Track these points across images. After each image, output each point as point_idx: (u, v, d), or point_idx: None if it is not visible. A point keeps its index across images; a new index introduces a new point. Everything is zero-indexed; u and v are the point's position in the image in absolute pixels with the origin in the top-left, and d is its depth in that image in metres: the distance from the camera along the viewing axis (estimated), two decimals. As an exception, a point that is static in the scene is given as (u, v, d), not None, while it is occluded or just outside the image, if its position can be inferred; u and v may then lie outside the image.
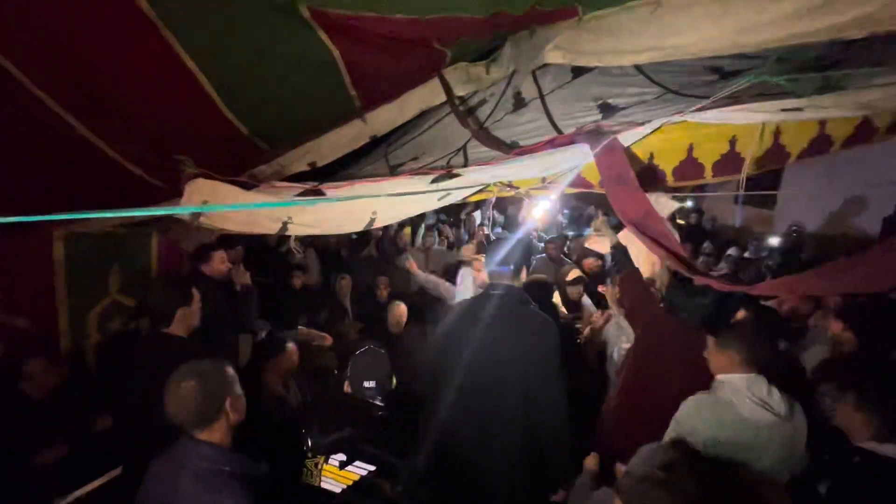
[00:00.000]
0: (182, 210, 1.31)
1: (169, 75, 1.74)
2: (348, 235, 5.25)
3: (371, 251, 5.21)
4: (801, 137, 2.05)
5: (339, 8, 1.69)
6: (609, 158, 1.70)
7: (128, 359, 2.02)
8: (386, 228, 5.39)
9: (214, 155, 2.42)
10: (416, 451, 1.66)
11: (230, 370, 1.54)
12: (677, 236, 2.07)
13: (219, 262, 2.74)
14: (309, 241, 4.92)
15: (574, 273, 3.82)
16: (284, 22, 1.79)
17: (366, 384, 1.68)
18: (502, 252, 2.14)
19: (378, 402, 1.69)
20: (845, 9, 1.15)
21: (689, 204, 8.25)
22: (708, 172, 2.16)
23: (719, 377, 1.84)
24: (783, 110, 1.57)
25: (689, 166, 2.13)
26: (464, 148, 3.07)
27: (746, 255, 5.56)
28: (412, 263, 4.07)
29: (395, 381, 1.77)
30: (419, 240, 5.53)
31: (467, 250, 4.12)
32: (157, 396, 1.43)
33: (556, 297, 3.76)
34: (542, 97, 2.89)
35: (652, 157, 2.17)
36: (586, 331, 3.40)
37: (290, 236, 4.79)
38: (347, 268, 4.65)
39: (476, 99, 3.18)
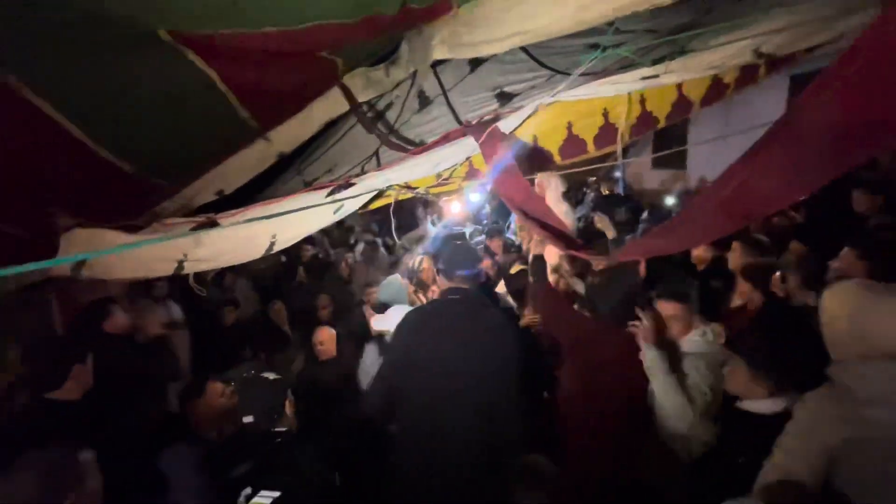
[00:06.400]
0: (47, 263, 1.18)
1: (18, 121, 1.58)
2: (278, 259, 5.07)
3: (301, 277, 5.04)
4: (664, 102, 2.21)
5: (202, 28, 1.61)
6: (491, 147, 1.74)
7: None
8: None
9: (101, 200, 2.23)
10: (324, 467, 1.63)
11: (85, 459, 1.32)
12: (571, 214, 2.16)
13: (121, 316, 2.53)
14: (237, 272, 4.70)
15: (517, 266, 3.87)
16: (147, 49, 1.68)
17: (245, 420, 1.63)
18: (457, 255, 2.03)
19: (278, 429, 1.65)
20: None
21: (616, 174, 8.70)
22: (590, 146, 2.27)
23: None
24: (643, 78, 1.68)
25: (572, 143, 2.23)
26: (376, 153, 3.05)
27: (644, 217, 5.84)
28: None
29: (287, 406, 1.72)
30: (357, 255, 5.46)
31: (424, 263, 3.82)
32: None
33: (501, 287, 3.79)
34: (444, 93, 2.92)
35: (535, 139, 2.25)
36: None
37: (223, 273, 4.56)
38: (281, 293, 4.47)
39: (383, 103, 3.16)
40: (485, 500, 1.88)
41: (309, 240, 5.24)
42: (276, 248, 2.21)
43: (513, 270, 3.73)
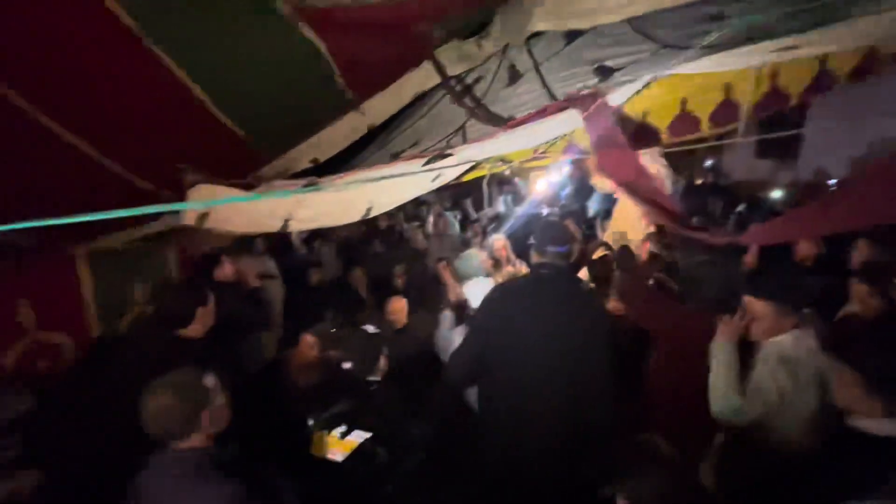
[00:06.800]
0: (178, 206, 1.36)
1: (159, 85, 1.78)
2: (359, 228, 5.31)
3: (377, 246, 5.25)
4: (802, 76, 1.92)
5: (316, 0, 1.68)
6: (598, 121, 1.65)
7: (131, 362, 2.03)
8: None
9: (217, 161, 2.46)
10: (408, 420, 1.73)
11: (210, 381, 1.54)
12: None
13: (229, 266, 2.82)
14: (322, 237, 5.00)
15: (601, 252, 3.74)
16: (265, 21, 1.80)
17: (344, 366, 1.77)
18: (550, 231, 1.98)
19: (372, 378, 1.77)
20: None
21: (708, 163, 7.98)
22: (704, 125, 2.06)
23: None
24: (779, 50, 1.49)
25: (684, 121, 2.04)
26: (463, 128, 3.05)
27: (740, 209, 5.27)
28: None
29: (381, 359, 1.83)
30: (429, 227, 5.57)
31: (498, 242, 3.91)
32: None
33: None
34: (536, 67, 2.83)
35: (645, 115, 2.09)
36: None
37: (312, 237, 4.89)
38: (362, 259, 4.70)
39: (472, 77, 3.13)
40: (569, 481, 1.84)
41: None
42: (373, 214, 2.32)
43: (595, 255, 3.61)
